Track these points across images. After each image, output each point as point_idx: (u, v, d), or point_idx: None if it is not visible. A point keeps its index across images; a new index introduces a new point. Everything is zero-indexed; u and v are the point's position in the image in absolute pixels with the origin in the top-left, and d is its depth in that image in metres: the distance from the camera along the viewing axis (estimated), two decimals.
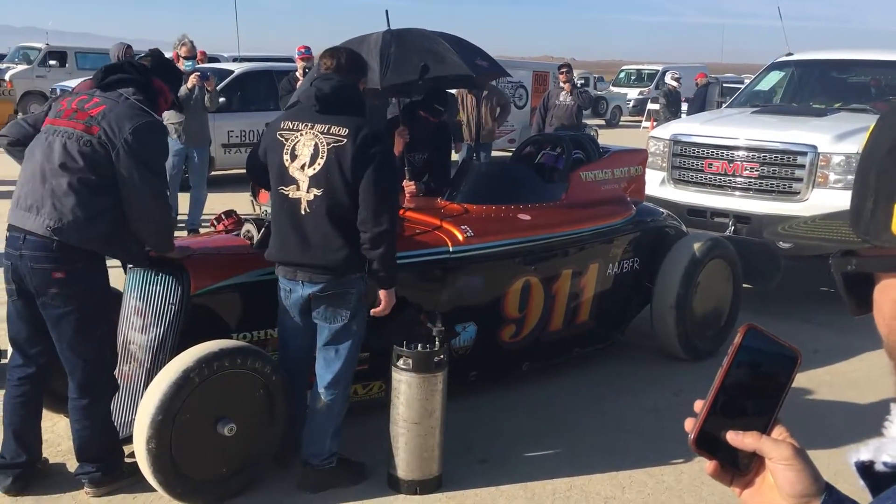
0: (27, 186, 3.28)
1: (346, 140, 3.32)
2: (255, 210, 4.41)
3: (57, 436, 3.90)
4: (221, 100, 9.91)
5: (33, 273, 3.21)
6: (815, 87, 8.39)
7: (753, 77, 9.10)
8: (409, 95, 5.36)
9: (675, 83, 15.20)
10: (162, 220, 3.45)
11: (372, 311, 3.53)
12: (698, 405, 0.99)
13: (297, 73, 9.01)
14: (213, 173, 10.07)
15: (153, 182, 3.31)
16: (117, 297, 3.93)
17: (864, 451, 0.88)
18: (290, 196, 3.40)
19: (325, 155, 3.33)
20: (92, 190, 3.24)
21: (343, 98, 3.45)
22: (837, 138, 6.47)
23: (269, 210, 3.75)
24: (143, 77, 3.48)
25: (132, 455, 3.40)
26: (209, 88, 8.04)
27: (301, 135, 3.42)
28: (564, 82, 10.66)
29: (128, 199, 3.29)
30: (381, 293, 3.51)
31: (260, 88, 12.20)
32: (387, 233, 3.37)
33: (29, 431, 3.48)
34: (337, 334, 3.45)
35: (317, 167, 3.34)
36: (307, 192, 3.36)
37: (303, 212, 3.37)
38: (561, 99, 10.64)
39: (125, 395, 3.72)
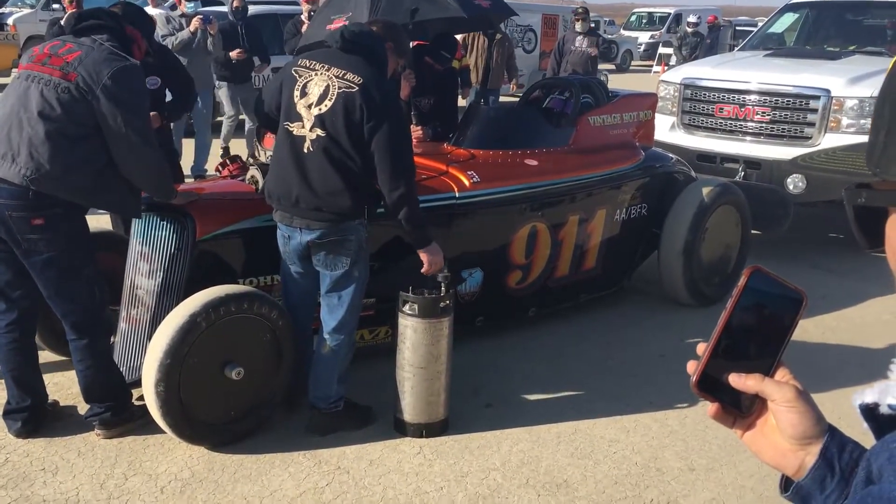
0: (1, 133, 3.19)
1: (356, 88, 3.28)
2: (259, 155, 4.38)
3: (68, 379, 3.94)
4: None
5: (11, 221, 3.15)
6: (829, 29, 8.22)
7: (767, 19, 8.92)
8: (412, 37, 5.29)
9: (690, 27, 14.92)
10: (153, 165, 3.36)
11: (422, 270, 3.54)
12: (701, 348, 0.98)
13: (303, 17, 8.88)
14: (217, 119, 9.99)
15: (138, 126, 3.23)
16: (123, 242, 3.94)
17: (869, 394, 0.87)
18: (294, 133, 3.38)
19: (333, 98, 3.30)
20: (70, 139, 3.16)
21: (367, 45, 3.44)
22: (851, 82, 6.36)
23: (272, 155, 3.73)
24: (116, 24, 3.40)
25: (141, 398, 3.44)
26: (212, 32, 7.93)
27: (316, 74, 3.39)
28: (580, 31, 10.35)
29: (115, 147, 3.22)
30: (419, 253, 3.53)
31: (265, 32, 12.00)
32: (405, 196, 3.37)
33: (28, 375, 3.50)
34: (338, 281, 3.45)
35: (323, 108, 3.31)
36: (311, 131, 3.33)
37: (305, 150, 3.35)
38: (576, 44, 10.37)
39: (133, 340, 3.75)
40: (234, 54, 8.23)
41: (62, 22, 7.81)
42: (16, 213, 3.14)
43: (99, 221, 4.21)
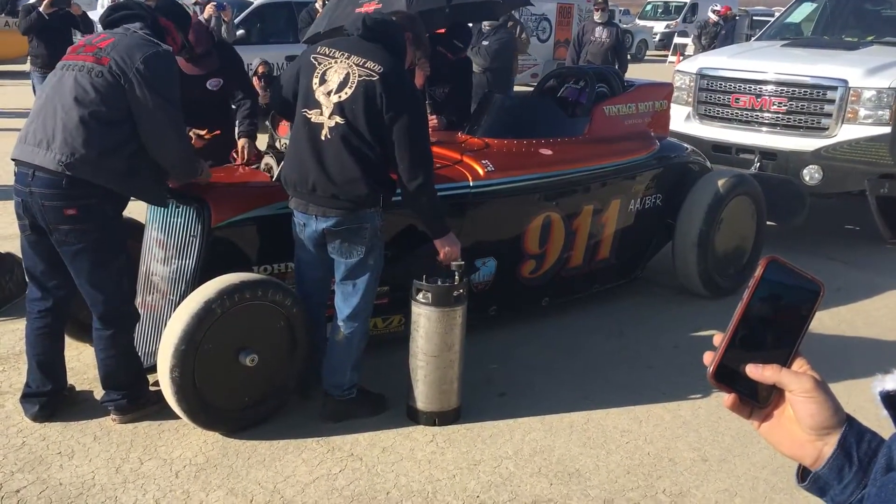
0: (36, 122, 3.23)
1: (377, 76, 3.29)
2: (273, 142, 4.38)
3: (84, 364, 3.98)
4: (240, 32, 9.81)
5: (45, 210, 3.17)
6: (847, 19, 8.14)
7: (784, 9, 8.84)
8: (434, 26, 5.26)
9: (714, 16, 14.78)
10: (182, 148, 3.39)
11: (437, 259, 3.57)
12: (717, 339, 0.98)
13: (317, 5, 8.87)
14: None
15: (168, 110, 3.26)
16: (139, 228, 3.96)
17: (890, 381, 0.87)
18: (312, 120, 3.39)
19: (353, 85, 3.31)
20: (104, 124, 3.18)
21: (388, 34, 3.45)
22: (869, 72, 6.30)
23: (287, 143, 3.74)
24: (148, 14, 3.44)
25: (156, 384, 3.46)
26: (226, 19, 7.95)
27: (335, 62, 3.40)
28: (599, 21, 10.29)
29: (145, 130, 3.24)
30: (435, 243, 3.55)
31: (279, 20, 12.03)
32: (423, 186, 3.39)
33: (52, 361, 3.53)
34: (353, 269, 3.46)
35: (343, 96, 3.32)
36: (329, 118, 3.34)
37: (323, 137, 3.36)
38: (595, 35, 10.31)
39: (148, 326, 3.78)
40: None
41: (41, 8, 7.89)
42: (49, 202, 3.17)
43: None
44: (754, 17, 23.03)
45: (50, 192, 3.16)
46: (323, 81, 3.38)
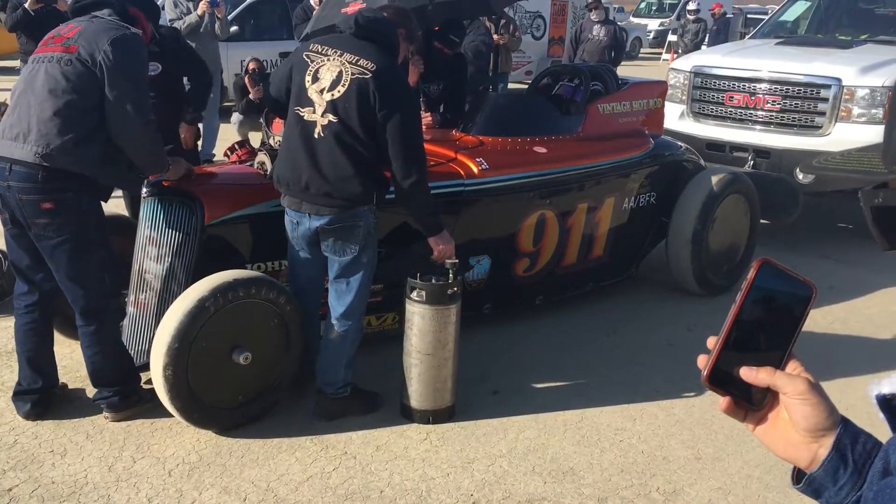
0: (12, 116, 3.22)
1: (370, 74, 3.28)
2: (267, 140, 4.37)
3: (76, 362, 3.96)
4: (234, 28, 9.77)
5: (22, 204, 3.16)
6: (841, 17, 8.15)
7: (778, 7, 8.85)
8: (430, 23, 5.24)
9: (692, 14, 14.83)
10: (146, 136, 3.31)
11: (431, 257, 3.57)
12: (711, 341, 0.98)
13: (312, 1, 8.84)
14: (225, 104, 9.98)
15: (135, 95, 3.22)
16: (132, 226, 3.95)
17: (886, 384, 0.87)
18: (305, 118, 3.38)
19: (346, 83, 3.30)
20: (78, 112, 3.17)
21: (381, 32, 3.43)
22: (863, 71, 6.31)
23: (280, 140, 3.72)
24: (117, 2, 3.41)
25: (150, 382, 3.45)
26: (219, 16, 7.91)
27: (328, 59, 3.39)
28: (596, 20, 10.32)
29: (109, 115, 3.20)
30: (429, 241, 3.55)
31: (273, 17, 11.99)
32: (417, 183, 3.38)
33: (42, 357, 3.52)
34: (347, 267, 3.46)
35: (335, 94, 3.31)
36: (322, 116, 3.33)
37: (316, 135, 3.35)
38: (593, 33, 10.33)
39: (141, 324, 3.76)
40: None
41: (26, 5, 7.83)
42: (26, 195, 3.15)
43: (115, 206, 4.20)
44: (748, 15, 23.06)
45: (26, 186, 3.15)
46: (316, 79, 3.37)
